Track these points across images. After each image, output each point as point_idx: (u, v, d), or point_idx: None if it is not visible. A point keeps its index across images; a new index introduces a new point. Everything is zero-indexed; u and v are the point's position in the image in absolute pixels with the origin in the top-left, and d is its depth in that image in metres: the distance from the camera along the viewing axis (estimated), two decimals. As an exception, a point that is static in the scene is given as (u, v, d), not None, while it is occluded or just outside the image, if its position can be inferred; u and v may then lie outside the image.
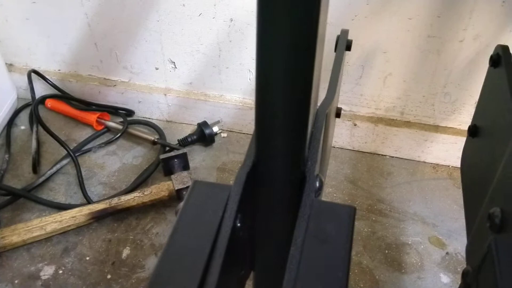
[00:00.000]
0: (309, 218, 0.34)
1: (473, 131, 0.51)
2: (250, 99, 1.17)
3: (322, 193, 0.42)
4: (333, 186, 1.09)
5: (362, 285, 0.91)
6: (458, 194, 1.08)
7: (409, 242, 0.98)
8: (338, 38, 0.50)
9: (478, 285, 0.35)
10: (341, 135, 1.15)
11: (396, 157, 1.16)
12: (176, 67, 1.16)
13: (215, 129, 1.18)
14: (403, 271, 0.93)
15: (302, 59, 0.31)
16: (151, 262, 0.96)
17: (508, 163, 0.40)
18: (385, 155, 1.17)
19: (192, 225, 0.35)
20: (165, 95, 1.21)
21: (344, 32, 0.50)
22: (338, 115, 0.54)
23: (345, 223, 0.34)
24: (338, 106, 0.56)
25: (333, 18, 0.95)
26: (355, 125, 1.12)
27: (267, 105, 0.34)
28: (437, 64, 0.99)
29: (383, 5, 0.93)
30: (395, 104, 1.08)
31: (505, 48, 0.47)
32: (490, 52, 0.96)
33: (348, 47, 0.49)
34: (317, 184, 0.39)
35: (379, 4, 0.94)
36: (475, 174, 0.50)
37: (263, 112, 0.35)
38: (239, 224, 0.36)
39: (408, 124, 1.10)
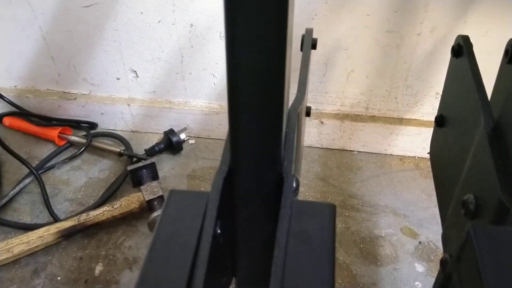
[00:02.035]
0: (290, 219, 0.34)
1: (440, 121, 0.52)
2: (216, 104, 1.16)
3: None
4: (305, 185, 1.10)
5: (340, 281, 0.92)
6: (425, 184, 1.10)
7: (383, 235, 1.00)
8: (303, 37, 0.50)
9: (459, 274, 0.35)
10: (309, 133, 1.15)
11: (364, 151, 1.18)
12: (138, 76, 1.14)
13: (182, 136, 1.17)
14: (379, 263, 0.95)
15: (273, 61, 0.31)
16: (126, 277, 0.93)
17: (477, 150, 0.41)
18: (353, 151, 1.18)
19: (171, 235, 0.34)
20: (129, 105, 1.18)
21: (309, 31, 0.50)
22: (308, 114, 0.54)
23: (326, 221, 0.34)
24: (308, 105, 0.56)
25: (294, 18, 0.95)
26: (322, 123, 1.13)
27: (240, 108, 0.34)
28: (397, 58, 1.01)
29: (341, 3, 0.95)
30: (359, 100, 1.10)
31: (465, 38, 0.49)
32: (447, 43, 0.98)
33: (314, 46, 0.50)
34: (294, 184, 0.39)
35: (337, 3, 0.95)
36: (445, 163, 0.51)
37: (237, 116, 0.34)
38: (219, 231, 0.36)
39: (373, 118, 1.12)
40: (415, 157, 1.16)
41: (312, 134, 1.15)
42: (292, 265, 0.31)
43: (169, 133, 1.16)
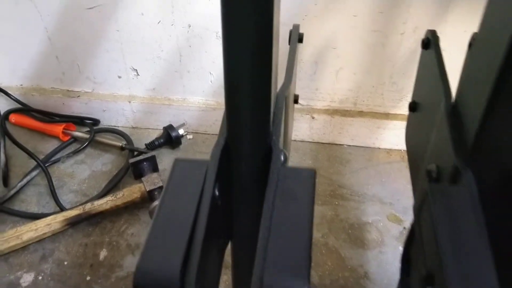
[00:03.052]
0: (277, 181, 0.40)
1: (413, 107, 0.59)
2: (212, 101, 1.22)
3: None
4: (297, 176, 1.16)
5: (329, 263, 0.98)
6: (411, 175, 1.17)
7: (370, 221, 1.06)
8: (291, 32, 0.56)
9: (420, 228, 0.42)
10: (301, 128, 1.22)
11: (353, 145, 1.24)
12: (138, 75, 1.20)
13: (181, 131, 1.23)
14: (366, 247, 1.01)
15: (262, 51, 0.38)
16: (129, 261, 0.99)
17: (439, 126, 0.48)
18: (342, 144, 1.25)
19: (177, 195, 0.40)
20: (129, 102, 1.25)
21: (296, 27, 0.56)
22: (296, 101, 0.60)
23: (308, 183, 0.40)
24: (296, 93, 0.62)
25: (285, 18, 1.01)
26: (313, 118, 1.20)
27: (235, 90, 0.40)
28: (382, 56, 1.08)
29: (329, 4, 1.01)
30: (348, 96, 1.16)
31: (433, 32, 0.55)
32: (428, 41, 1.05)
33: (300, 39, 0.56)
34: (282, 157, 0.45)
35: (326, 4, 1.01)
36: (416, 143, 0.57)
37: (232, 97, 0.41)
38: (217, 193, 0.42)
39: (361, 113, 1.18)
40: (401, 150, 1.23)
41: (304, 129, 1.22)
42: (278, 216, 0.37)
43: (169, 128, 1.22)
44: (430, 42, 0.53)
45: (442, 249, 0.36)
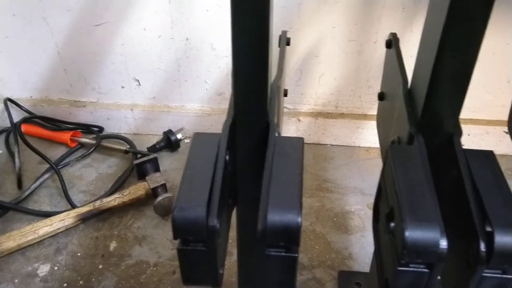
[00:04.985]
0: (274, 145, 0.52)
1: (381, 96, 0.72)
2: (208, 107, 1.35)
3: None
4: (286, 173, 1.28)
5: (317, 247, 1.10)
6: (388, 169, 1.30)
7: (352, 210, 1.18)
8: (280, 37, 0.69)
9: (384, 179, 0.54)
10: (289, 130, 1.34)
11: (335, 144, 1.37)
12: (140, 84, 1.32)
13: (179, 136, 1.34)
14: (349, 232, 1.13)
15: (261, 51, 0.50)
16: (137, 251, 1.10)
17: (399, 106, 0.61)
18: (326, 144, 1.38)
19: (198, 158, 0.52)
20: (132, 110, 1.36)
21: (284, 32, 0.69)
22: (285, 94, 0.73)
23: (297, 146, 0.53)
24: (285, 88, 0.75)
25: (273, 30, 1.15)
26: (299, 120, 1.32)
27: (241, 80, 0.53)
28: (359, 63, 1.22)
29: (311, 18, 1.15)
30: (330, 99, 1.30)
31: (394, 34, 0.69)
32: (397, 48, 1.19)
33: (288, 43, 0.69)
34: (276, 133, 0.58)
35: (308, 17, 1.15)
36: (384, 125, 0.70)
37: (238, 84, 0.53)
38: (228, 158, 0.54)
39: (342, 115, 1.32)
40: (378, 147, 1.35)
41: (291, 130, 1.35)
42: (276, 167, 0.49)
43: (168, 133, 1.34)
44: (392, 42, 0.66)
45: (399, 190, 0.48)
